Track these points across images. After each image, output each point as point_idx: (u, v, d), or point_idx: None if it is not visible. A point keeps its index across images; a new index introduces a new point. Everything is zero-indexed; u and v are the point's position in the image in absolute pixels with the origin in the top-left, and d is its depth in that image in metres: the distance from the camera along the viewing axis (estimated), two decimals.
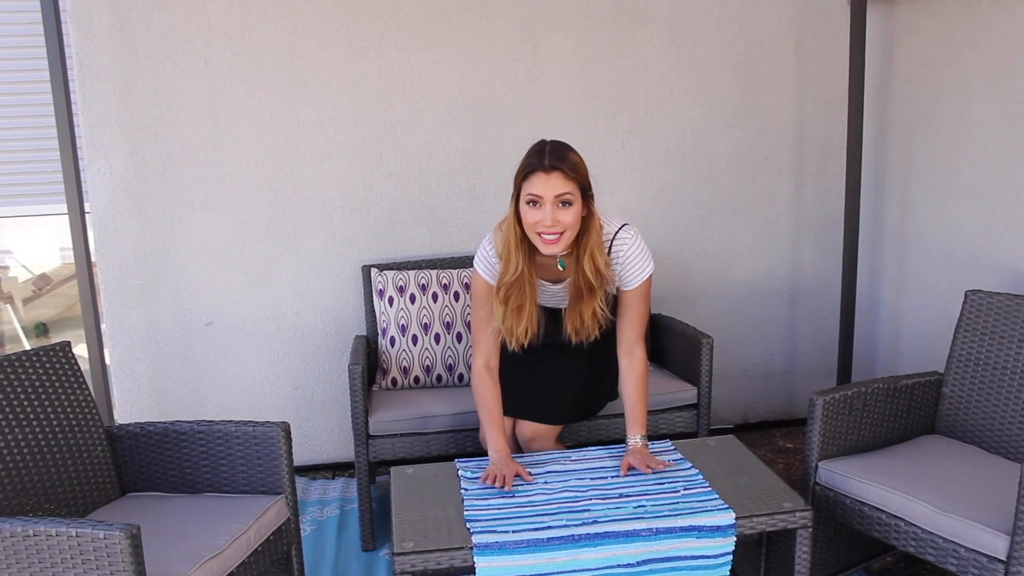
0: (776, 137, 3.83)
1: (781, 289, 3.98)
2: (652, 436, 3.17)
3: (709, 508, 2.24)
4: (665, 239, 3.81)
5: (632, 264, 2.57)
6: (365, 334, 3.49)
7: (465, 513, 2.26)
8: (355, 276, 3.60)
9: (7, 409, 2.29)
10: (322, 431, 3.73)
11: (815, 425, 2.56)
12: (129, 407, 3.56)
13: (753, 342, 4.01)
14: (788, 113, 3.82)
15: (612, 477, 2.44)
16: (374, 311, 3.40)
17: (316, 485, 3.60)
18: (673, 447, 2.65)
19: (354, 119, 3.50)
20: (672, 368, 3.42)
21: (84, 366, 2.66)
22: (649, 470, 2.47)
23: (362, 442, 3.01)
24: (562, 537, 2.14)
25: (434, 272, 3.38)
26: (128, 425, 2.59)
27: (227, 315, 3.57)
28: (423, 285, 3.35)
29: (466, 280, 3.37)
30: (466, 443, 3.07)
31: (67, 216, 3.15)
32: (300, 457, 3.61)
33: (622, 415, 3.16)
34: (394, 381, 3.30)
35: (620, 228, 2.58)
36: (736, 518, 2.21)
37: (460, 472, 2.51)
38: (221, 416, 3.59)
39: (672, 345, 3.43)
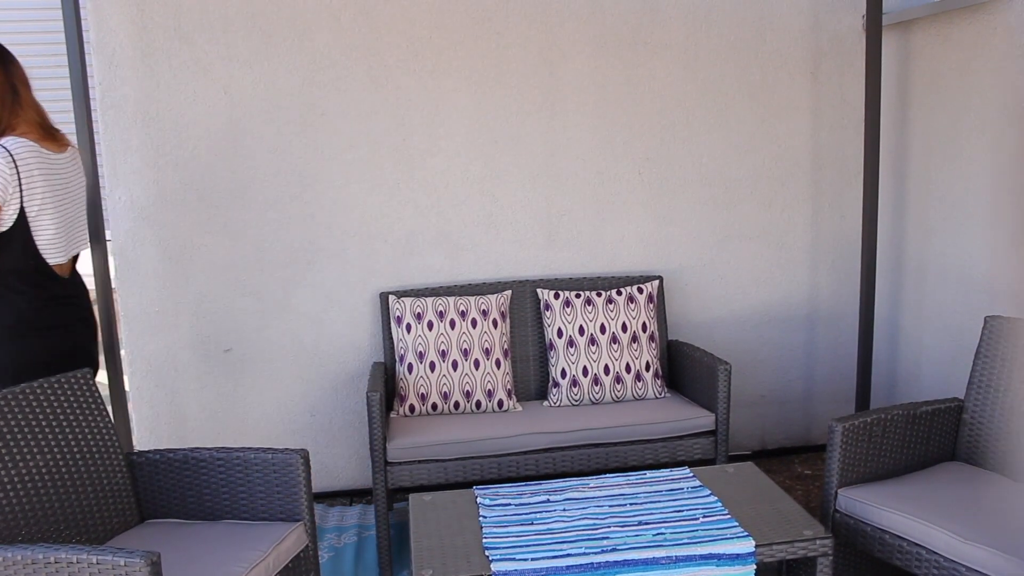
0: (792, 163, 3.84)
1: (799, 314, 3.97)
2: (670, 463, 3.17)
3: (728, 536, 2.22)
4: (682, 265, 3.82)
5: None
6: (383, 361, 3.50)
7: (484, 540, 2.26)
8: (373, 303, 3.61)
9: (29, 436, 2.31)
10: (340, 458, 3.74)
11: (834, 452, 2.55)
12: (148, 434, 3.57)
13: (771, 368, 3.99)
14: (804, 138, 3.83)
15: (631, 505, 2.43)
16: (392, 338, 3.41)
17: (334, 512, 3.60)
18: (692, 474, 2.64)
19: (372, 147, 3.53)
20: (689, 394, 3.41)
21: (103, 392, 2.68)
22: None
23: (380, 469, 3.01)
24: (581, 565, 2.13)
25: (452, 299, 3.39)
26: (147, 452, 2.61)
27: (245, 342, 3.59)
28: (441, 312, 3.36)
29: (483, 307, 3.38)
30: (485, 470, 3.07)
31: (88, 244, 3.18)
32: (318, 484, 3.62)
33: (637, 442, 3.16)
34: (412, 408, 3.31)
35: None
36: (756, 546, 2.19)
37: (479, 499, 2.51)
38: (239, 443, 3.61)
39: (689, 371, 3.43)
